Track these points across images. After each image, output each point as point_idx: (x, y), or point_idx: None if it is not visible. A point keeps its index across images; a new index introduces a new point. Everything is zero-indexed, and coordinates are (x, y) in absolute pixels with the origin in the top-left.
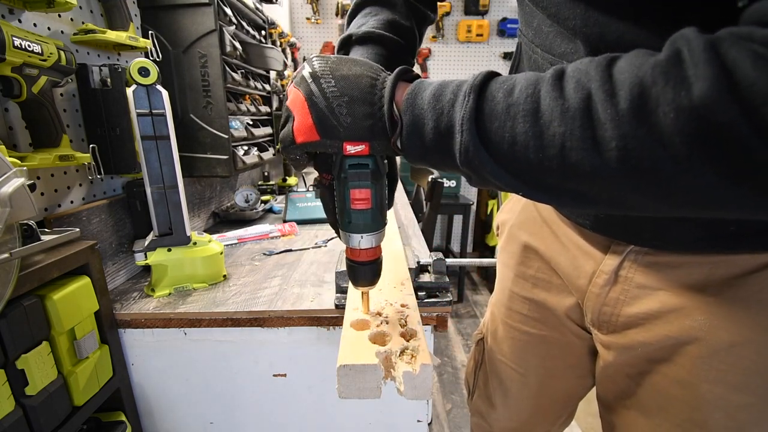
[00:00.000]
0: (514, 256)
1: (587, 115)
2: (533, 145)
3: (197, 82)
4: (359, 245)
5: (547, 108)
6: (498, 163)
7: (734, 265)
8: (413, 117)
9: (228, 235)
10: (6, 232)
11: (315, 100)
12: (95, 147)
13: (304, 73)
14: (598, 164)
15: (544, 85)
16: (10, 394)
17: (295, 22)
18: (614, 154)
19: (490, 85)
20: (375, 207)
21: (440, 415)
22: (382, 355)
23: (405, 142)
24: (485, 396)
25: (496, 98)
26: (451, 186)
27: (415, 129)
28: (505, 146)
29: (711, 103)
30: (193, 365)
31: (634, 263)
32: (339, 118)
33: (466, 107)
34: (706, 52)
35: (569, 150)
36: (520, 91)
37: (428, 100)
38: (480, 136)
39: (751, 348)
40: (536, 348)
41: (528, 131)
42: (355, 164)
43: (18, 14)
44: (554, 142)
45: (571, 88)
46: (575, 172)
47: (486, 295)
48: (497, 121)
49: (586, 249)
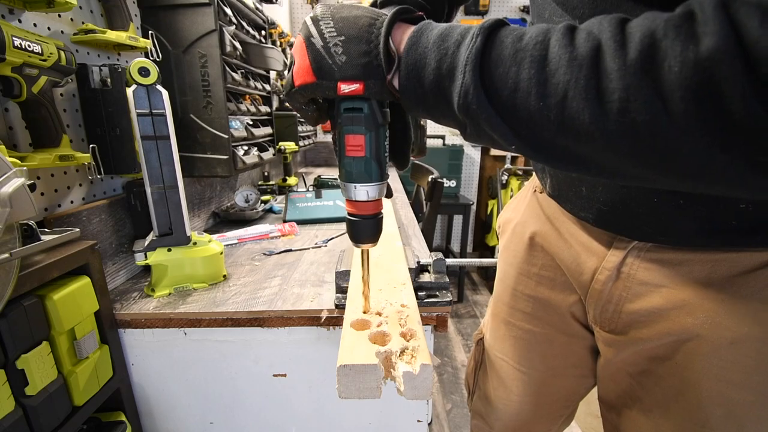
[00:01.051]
0: (518, 255)
1: (595, 63)
2: (535, 93)
3: (197, 82)
4: (355, 196)
5: (555, 55)
6: (496, 110)
7: (736, 263)
8: (415, 56)
9: (228, 235)
10: (6, 232)
11: (313, 41)
12: (95, 147)
13: (306, 18)
14: (597, 116)
15: (555, 34)
16: (10, 394)
17: (295, 22)
18: (615, 106)
19: (500, 30)
20: (369, 155)
21: (440, 415)
22: (382, 355)
23: (403, 83)
24: (485, 396)
25: (504, 42)
26: (451, 186)
27: (416, 69)
28: (507, 92)
29: (715, 56)
30: (193, 365)
31: (636, 259)
32: (334, 57)
33: (472, 48)
34: (716, 9)
35: (571, 99)
36: (529, 38)
37: (434, 40)
38: (482, 79)
39: (752, 345)
40: (539, 346)
41: (532, 78)
42: (349, 108)
43: (18, 14)
44: (557, 91)
45: (582, 38)
46: (573, 126)
47: (486, 295)
48: (502, 66)
49: (589, 245)
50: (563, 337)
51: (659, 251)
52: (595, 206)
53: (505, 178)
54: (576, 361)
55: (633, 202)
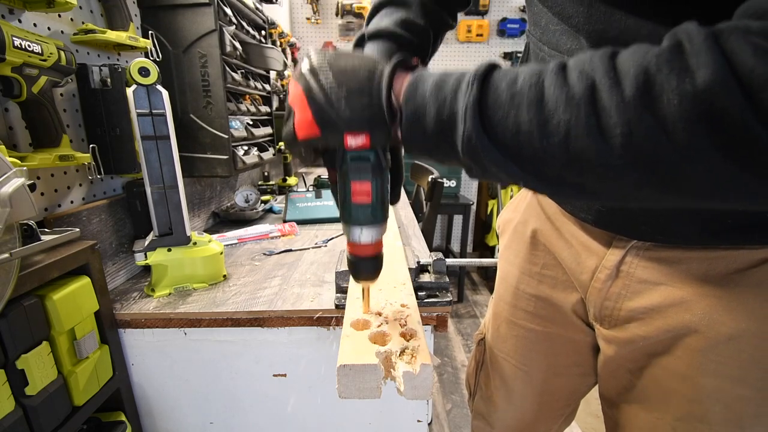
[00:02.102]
0: (519, 254)
1: (592, 102)
2: (538, 133)
3: (197, 82)
4: (360, 239)
5: (552, 96)
6: (502, 152)
7: (733, 260)
8: (415, 106)
9: (228, 235)
10: (6, 232)
11: (314, 95)
12: (95, 147)
13: (302, 68)
14: (603, 152)
15: (548, 75)
16: (10, 394)
17: (295, 22)
18: (619, 141)
19: (493, 75)
20: (376, 200)
21: (440, 415)
22: (382, 355)
23: (406, 132)
24: (487, 396)
25: (500, 88)
26: (451, 186)
27: (417, 118)
28: (509, 135)
29: (714, 88)
30: (193, 365)
31: (635, 258)
32: (338, 111)
33: (469, 96)
34: (706, 41)
35: (574, 137)
36: (523, 81)
37: (430, 90)
38: (483, 125)
39: (749, 341)
40: (541, 345)
41: (533, 119)
42: (355, 157)
43: (18, 14)
44: (559, 130)
45: (575, 77)
46: (580, 161)
47: (486, 295)
48: (501, 110)
49: (589, 244)
50: (566, 335)
51: (658, 250)
52: (594, 208)
53: None
54: (578, 360)
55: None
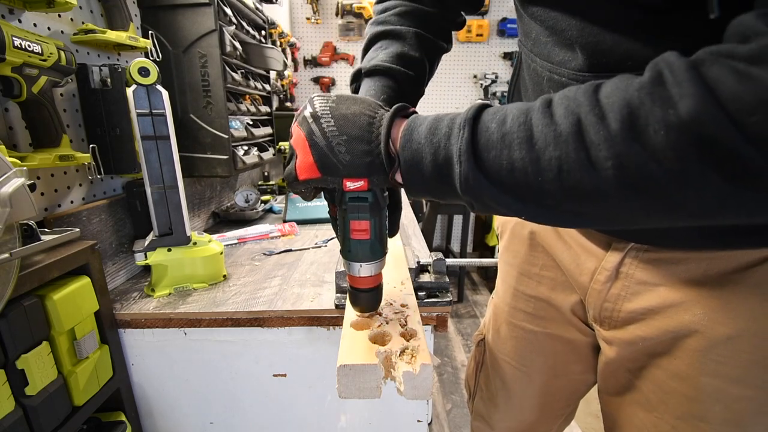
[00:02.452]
0: (518, 255)
1: (579, 138)
2: (532, 170)
3: (197, 82)
4: (359, 273)
5: (540, 134)
6: (499, 189)
7: (732, 260)
8: (411, 152)
9: (228, 235)
10: (6, 232)
11: (315, 140)
12: (95, 147)
13: (305, 113)
14: (597, 183)
15: (534, 113)
16: (10, 394)
17: (295, 22)
18: (611, 173)
19: (482, 117)
20: (374, 238)
21: (440, 415)
22: (382, 355)
23: (406, 177)
24: (487, 397)
25: (490, 128)
26: None
27: (414, 164)
28: (504, 173)
29: (699, 117)
30: (193, 365)
31: (634, 260)
32: (338, 156)
33: (462, 139)
34: (687, 71)
35: (567, 172)
36: (512, 120)
37: (424, 135)
38: (478, 165)
39: (749, 341)
40: (540, 346)
41: (525, 157)
42: (354, 198)
43: (18, 14)
44: (551, 166)
45: (561, 114)
46: (576, 193)
47: (486, 295)
48: (494, 150)
49: (588, 246)
50: (565, 336)
51: (656, 252)
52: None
53: None
54: (578, 360)
55: None
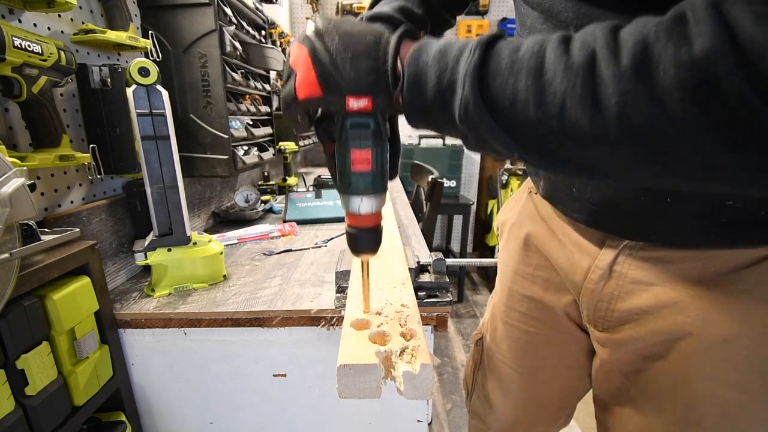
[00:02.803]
0: (514, 255)
1: (590, 72)
2: (534, 102)
3: (197, 82)
4: (359, 210)
5: (551, 65)
6: (497, 121)
7: (728, 260)
8: (417, 71)
9: (228, 235)
10: (6, 232)
11: (318, 56)
12: (95, 147)
13: (307, 31)
14: (597, 123)
15: (550, 44)
16: (10, 394)
17: (295, 22)
18: (613, 112)
19: (498, 44)
20: (376, 169)
21: (440, 415)
22: (382, 355)
23: (407, 97)
24: (483, 396)
25: (502, 55)
26: (451, 186)
27: (418, 83)
28: (506, 103)
29: (710, 56)
30: (193, 365)
31: (628, 258)
32: (342, 73)
33: (470, 62)
34: (708, 11)
35: (569, 108)
36: (526, 49)
37: (433, 55)
38: (482, 91)
39: (744, 344)
40: (535, 347)
41: (530, 87)
42: (356, 123)
43: (18, 14)
44: (555, 100)
45: (577, 47)
46: (573, 133)
47: (486, 295)
48: (500, 77)
49: (582, 245)
50: (559, 337)
51: (651, 250)
52: (586, 206)
53: (505, 178)
54: (572, 362)
55: (622, 202)
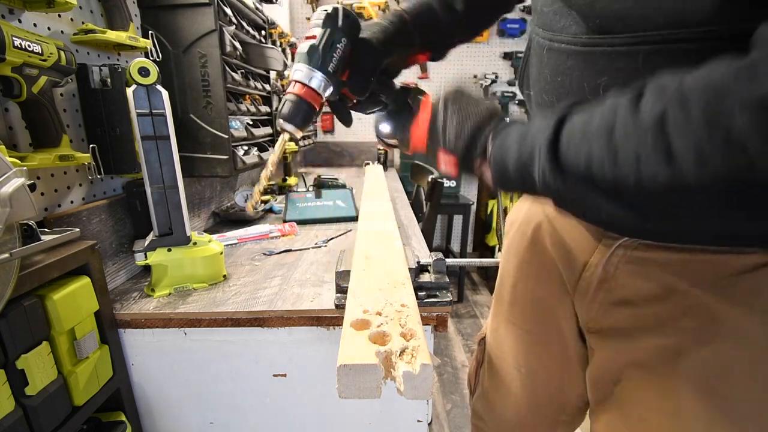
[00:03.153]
0: (518, 255)
1: (660, 126)
2: (608, 161)
3: (197, 82)
4: (293, 75)
5: (622, 124)
6: (576, 183)
7: (721, 267)
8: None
9: (228, 235)
10: (6, 232)
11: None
12: (95, 147)
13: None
14: (673, 174)
15: (622, 102)
16: (10, 394)
17: (295, 22)
18: (689, 163)
19: (571, 116)
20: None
21: (440, 415)
22: (382, 355)
23: (493, 167)
24: (485, 395)
25: (575, 124)
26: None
27: (502, 158)
28: (582, 167)
29: None
30: (193, 365)
31: (621, 259)
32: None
33: (547, 133)
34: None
35: (644, 164)
36: (599, 114)
37: (515, 137)
38: (557, 159)
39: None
40: (536, 347)
41: (603, 148)
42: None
43: (18, 14)
44: (628, 157)
45: (649, 103)
46: (651, 186)
47: (486, 295)
48: (573, 144)
49: (580, 242)
50: (558, 338)
51: (644, 251)
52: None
53: None
54: (569, 366)
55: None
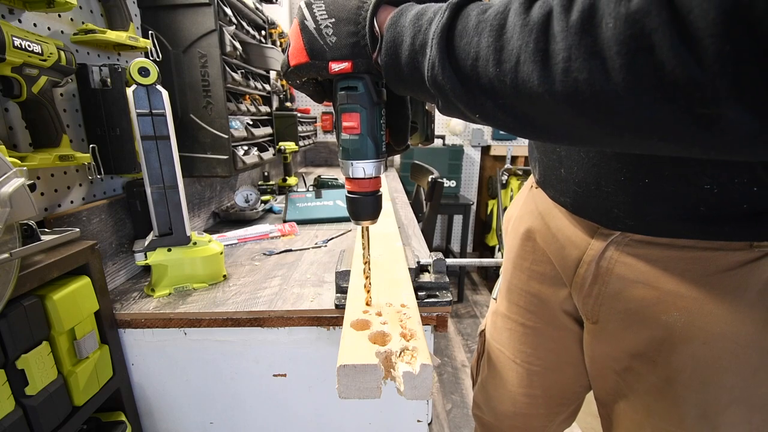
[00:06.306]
0: (513, 249)
1: (544, 29)
2: (493, 59)
3: (197, 82)
4: (352, 174)
5: (512, 24)
6: (460, 81)
7: (712, 262)
8: (394, 34)
9: (228, 235)
10: (6, 232)
11: (306, 24)
12: (95, 147)
13: (301, 2)
14: (544, 78)
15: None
16: (10, 394)
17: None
18: (559, 67)
19: (468, 5)
20: (365, 132)
21: (440, 415)
22: (382, 355)
23: (384, 60)
24: (484, 385)
25: (470, 16)
26: (451, 186)
27: (394, 46)
28: (469, 62)
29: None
30: (193, 365)
31: (615, 253)
32: (325, 39)
33: (439, 23)
34: None
35: (522, 63)
36: (493, 10)
37: (410, 18)
38: (448, 51)
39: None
40: (532, 340)
41: (490, 45)
42: (345, 87)
43: (18, 14)
44: (511, 56)
45: (537, 6)
46: (525, 89)
47: (486, 295)
48: (466, 37)
49: (574, 238)
50: (555, 331)
51: (637, 246)
52: (571, 189)
53: (505, 178)
54: (568, 357)
55: (603, 182)
